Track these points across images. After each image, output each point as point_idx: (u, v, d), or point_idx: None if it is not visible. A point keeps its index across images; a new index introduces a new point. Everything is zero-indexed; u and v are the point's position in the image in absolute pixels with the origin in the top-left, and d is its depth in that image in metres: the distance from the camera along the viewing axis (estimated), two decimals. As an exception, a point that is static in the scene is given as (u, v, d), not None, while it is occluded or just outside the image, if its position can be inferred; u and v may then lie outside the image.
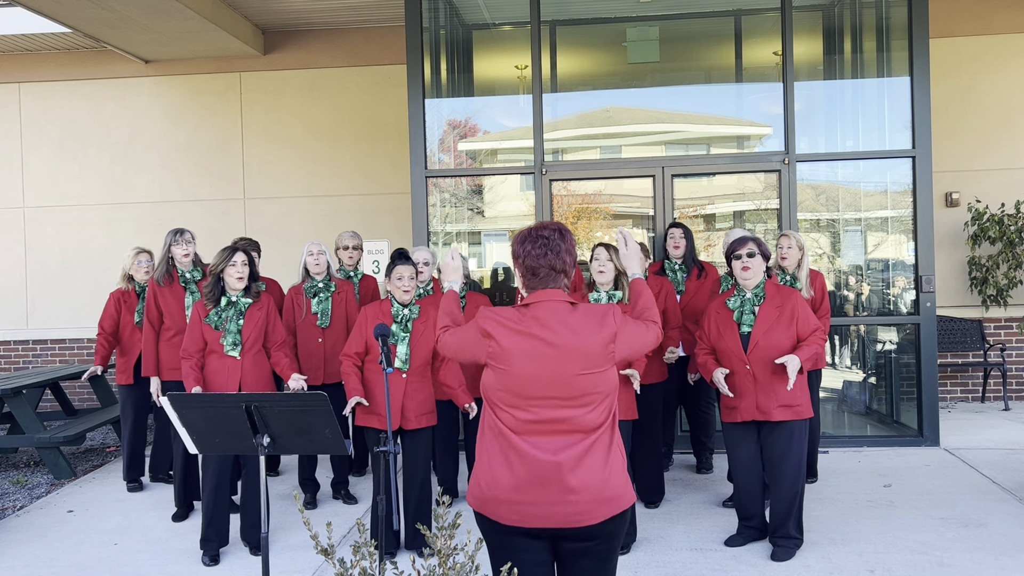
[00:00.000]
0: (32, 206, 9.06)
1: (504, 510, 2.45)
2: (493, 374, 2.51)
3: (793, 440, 4.29)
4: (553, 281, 2.56)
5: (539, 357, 2.46)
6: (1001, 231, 7.77)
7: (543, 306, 2.52)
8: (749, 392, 4.32)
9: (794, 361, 4.12)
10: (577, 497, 2.42)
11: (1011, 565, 4.19)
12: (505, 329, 2.50)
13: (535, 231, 2.60)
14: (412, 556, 2.39)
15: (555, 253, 2.55)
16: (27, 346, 9.07)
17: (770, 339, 4.25)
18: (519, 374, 2.46)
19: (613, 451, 2.51)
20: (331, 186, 8.80)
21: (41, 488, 6.24)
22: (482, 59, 7.48)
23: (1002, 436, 6.81)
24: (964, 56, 8.19)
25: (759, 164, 6.77)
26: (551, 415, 2.45)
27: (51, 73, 9.02)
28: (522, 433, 2.47)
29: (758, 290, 4.35)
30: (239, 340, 4.56)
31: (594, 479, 2.44)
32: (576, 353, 2.46)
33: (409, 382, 4.46)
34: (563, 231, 2.60)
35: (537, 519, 2.43)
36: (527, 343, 2.47)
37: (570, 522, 2.43)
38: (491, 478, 2.48)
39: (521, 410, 2.46)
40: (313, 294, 5.42)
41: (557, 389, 2.45)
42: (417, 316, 4.50)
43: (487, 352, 2.52)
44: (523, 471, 2.44)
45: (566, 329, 2.48)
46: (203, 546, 4.54)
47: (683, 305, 5.81)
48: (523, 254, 2.58)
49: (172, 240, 5.33)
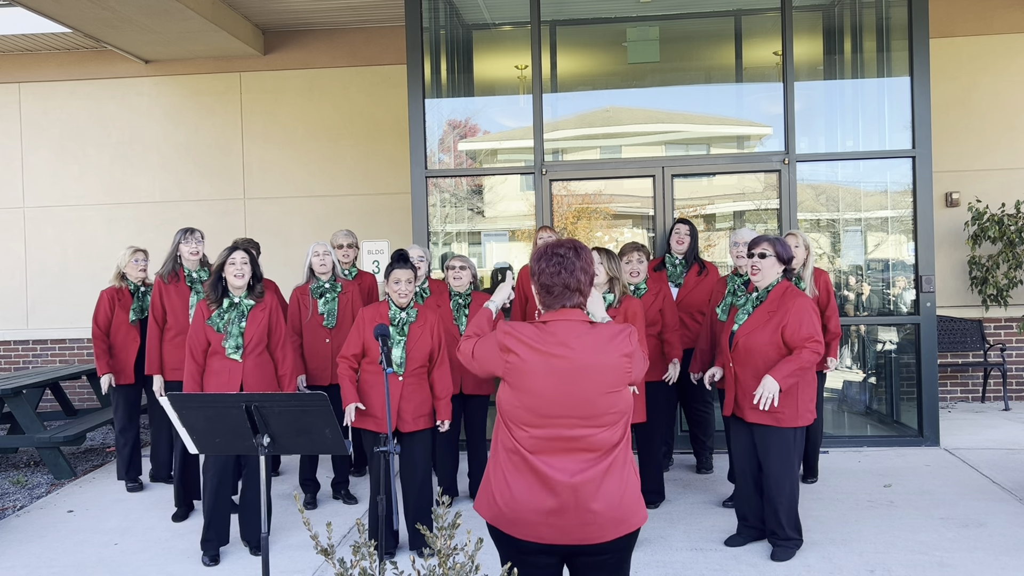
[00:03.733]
0: (32, 206, 9.06)
1: (522, 529, 2.46)
2: (510, 391, 2.50)
3: (771, 445, 4.26)
4: (568, 299, 2.55)
5: (558, 376, 2.45)
6: (1001, 231, 7.77)
7: (561, 325, 2.52)
8: (731, 388, 4.44)
9: (769, 384, 4.11)
10: (594, 517, 2.44)
11: (1011, 565, 4.19)
12: (524, 346, 2.49)
13: (551, 248, 2.59)
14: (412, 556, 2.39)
15: (569, 272, 2.54)
16: (27, 346, 9.07)
17: (751, 341, 4.26)
18: (537, 392, 2.45)
19: (628, 470, 2.52)
20: (331, 186, 8.80)
21: (41, 488, 6.24)
22: (482, 59, 7.48)
23: (1002, 436, 6.81)
24: (964, 56, 8.19)
25: (759, 164, 6.77)
26: (568, 434, 2.45)
27: (51, 73, 9.02)
28: (537, 452, 2.46)
29: (763, 292, 4.35)
30: (241, 343, 4.55)
31: (611, 499, 2.45)
32: (594, 372, 2.46)
33: (405, 385, 4.46)
34: (578, 249, 2.58)
35: (554, 537, 2.45)
36: (546, 361, 2.46)
37: (586, 540, 2.45)
38: (508, 496, 2.48)
39: (538, 428, 2.46)
40: (320, 295, 5.43)
41: (575, 408, 2.44)
42: (414, 320, 4.50)
43: (505, 367, 2.51)
44: (541, 493, 2.44)
45: (584, 348, 2.47)
46: (203, 546, 4.54)
47: (680, 299, 5.82)
48: (538, 271, 2.57)
49: (182, 238, 5.34)
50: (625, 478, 2.50)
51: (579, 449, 2.45)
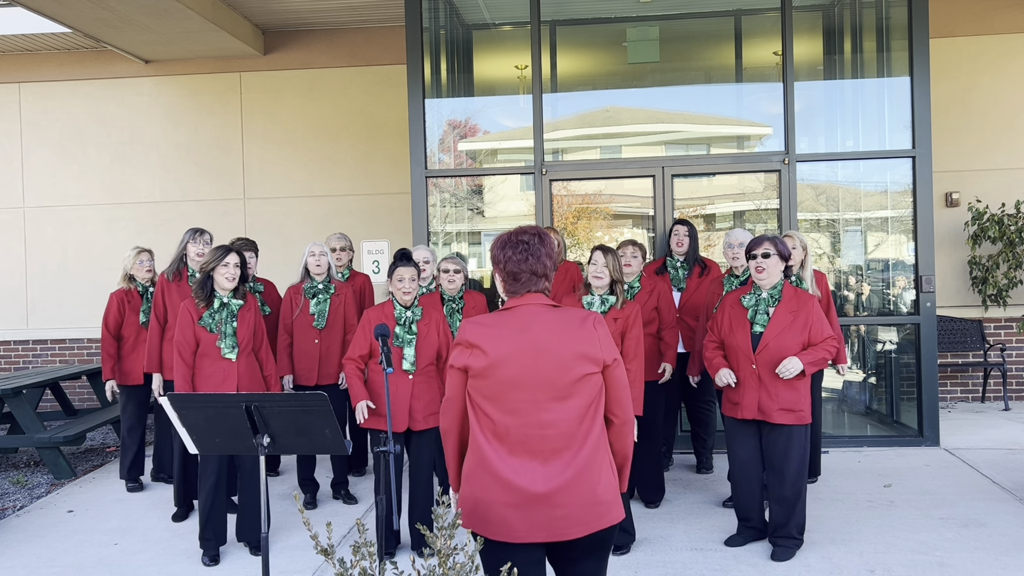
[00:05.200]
0: (32, 206, 9.06)
1: (493, 528, 2.44)
2: (478, 379, 2.49)
3: (792, 443, 4.29)
4: (534, 285, 2.56)
5: (524, 359, 2.46)
6: (1001, 231, 7.77)
7: (525, 309, 2.53)
8: (752, 391, 4.33)
9: (794, 363, 4.14)
10: (564, 512, 2.42)
11: (1011, 565, 4.19)
12: (489, 333, 2.49)
13: (515, 236, 2.60)
14: (412, 556, 2.39)
15: (536, 258, 2.55)
16: (27, 346, 9.07)
17: (781, 342, 4.24)
18: (504, 378, 2.45)
19: (602, 465, 2.49)
20: (331, 186, 8.80)
21: (41, 488, 6.24)
22: (482, 59, 7.48)
23: (1002, 436, 6.81)
24: (964, 56, 8.19)
25: (759, 164, 6.77)
26: (537, 418, 2.44)
27: (51, 73, 9.02)
28: (508, 442, 2.45)
29: (774, 291, 4.34)
30: (236, 343, 4.56)
31: (585, 496, 2.43)
32: (559, 354, 2.46)
33: (416, 383, 4.47)
34: (542, 235, 2.60)
35: (524, 536, 2.43)
36: (511, 346, 2.47)
37: (556, 536, 2.43)
38: (479, 497, 2.46)
39: (507, 414, 2.45)
40: (312, 295, 5.42)
41: (542, 391, 2.45)
42: (420, 317, 4.50)
43: (471, 357, 2.49)
44: (506, 493, 2.42)
45: (549, 331, 2.48)
46: (202, 546, 4.54)
47: (683, 302, 5.81)
48: (504, 259, 2.58)
49: (190, 238, 5.36)
50: (599, 474, 2.47)
51: (550, 437, 2.44)
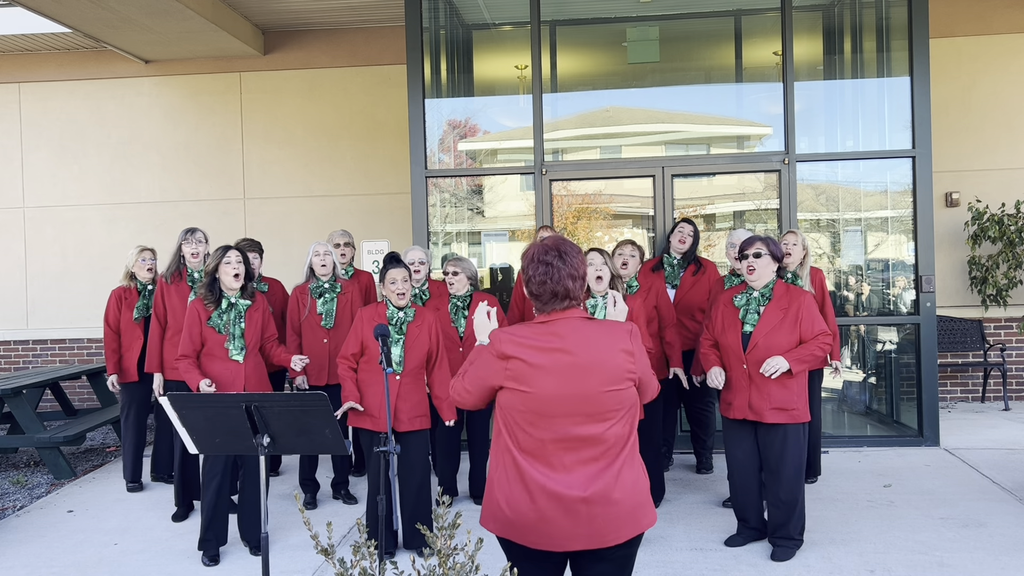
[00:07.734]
0: (32, 206, 9.05)
1: (531, 536, 2.43)
2: (513, 396, 2.45)
3: (788, 443, 4.28)
4: (558, 304, 2.51)
5: (563, 373, 2.42)
6: (1001, 231, 7.77)
7: (560, 323, 2.49)
8: (743, 390, 4.33)
9: (778, 362, 4.15)
10: (603, 522, 2.41)
11: (1011, 565, 4.19)
12: (525, 348, 2.45)
13: (538, 255, 2.53)
14: (412, 556, 2.39)
15: (555, 280, 2.49)
16: (27, 346, 9.07)
17: (770, 340, 4.24)
18: (543, 392, 2.41)
19: (637, 471, 2.49)
20: (331, 186, 8.80)
21: (41, 488, 6.24)
22: (482, 59, 7.48)
23: (1002, 436, 6.81)
24: (964, 56, 8.19)
25: (759, 164, 6.77)
26: (575, 432, 2.42)
27: (51, 73, 9.02)
28: (543, 455, 2.43)
29: (765, 290, 4.34)
30: (243, 344, 4.57)
31: (622, 504, 2.43)
32: (597, 368, 2.43)
33: (403, 384, 4.48)
34: (563, 254, 2.51)
35: (563, 544, 2.42)
36: (550, 359, 2.43)
37: (595, 544, 2.42)
38: (514, 505, 2.44)
39: (543, 429, 2.42)
40: (319, 295, 5.44)
41: (580, 405, 2.41)
42: (412, 319, 4.51)
43: (506, 375, 2.45)
44: (545, 501, 2.41)
45: (587, 344, 2.45)
46: (203, 546, 4.54)
47: (678, 300, 5.80)
48: (527, 277, 2.55)
49: (183, 239, 5.37)
50: (635, 479, 2.47)
51: (587, 448, 2.42)
